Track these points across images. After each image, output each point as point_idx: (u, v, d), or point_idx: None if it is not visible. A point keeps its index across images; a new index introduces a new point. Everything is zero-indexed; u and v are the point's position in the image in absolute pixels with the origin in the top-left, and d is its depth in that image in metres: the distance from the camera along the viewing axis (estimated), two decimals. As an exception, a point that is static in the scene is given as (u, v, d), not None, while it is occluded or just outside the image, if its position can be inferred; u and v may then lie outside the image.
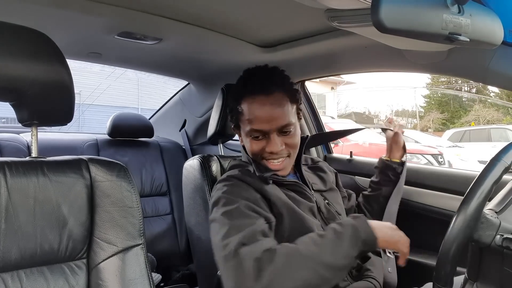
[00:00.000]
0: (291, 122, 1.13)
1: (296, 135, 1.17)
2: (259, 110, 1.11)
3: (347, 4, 0.96)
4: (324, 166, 1.38)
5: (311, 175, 1.31)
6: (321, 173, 1.34)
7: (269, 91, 1.11)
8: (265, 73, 1.18)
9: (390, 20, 0.68)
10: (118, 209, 0.93)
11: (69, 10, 1.28)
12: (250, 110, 1.13)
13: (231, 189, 1.10)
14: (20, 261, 0.82)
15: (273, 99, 1.11)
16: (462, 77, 1.24)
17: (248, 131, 1.15)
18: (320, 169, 1.35)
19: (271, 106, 1.11)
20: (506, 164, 0.80)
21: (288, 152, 1.17)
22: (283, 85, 1.15)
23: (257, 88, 1.13)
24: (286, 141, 1.15)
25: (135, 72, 2.42)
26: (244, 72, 1.21)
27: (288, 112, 1.13)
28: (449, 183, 1.49)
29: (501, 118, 19.72)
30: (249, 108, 1.13)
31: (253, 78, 1.16)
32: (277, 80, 1.15)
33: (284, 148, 1.15)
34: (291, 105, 1.15)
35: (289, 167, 1.20)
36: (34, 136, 0.93)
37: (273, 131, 1.12)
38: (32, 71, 0.83)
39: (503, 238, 0.76)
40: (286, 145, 1.15)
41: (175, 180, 2.22)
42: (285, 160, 1.17)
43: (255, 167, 1.17)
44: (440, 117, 26.46)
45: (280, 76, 1.18)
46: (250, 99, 1.13)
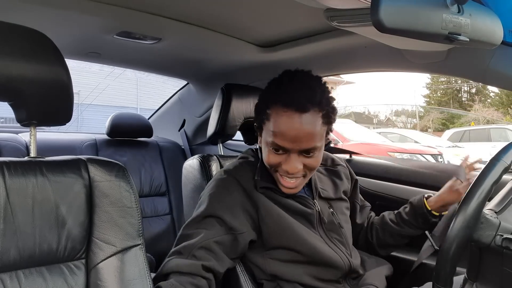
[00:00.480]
0: (317, 146, 1.02)
1: (318, 158, 1.06)
2: (286, 126, 0.99)
3: (347, 3, 0.96)
4: (342, 172, 1.27)
5: (324, 178, 1.23)
6: (336, 179, 1.24)
7: (304, 109, 0.98)
8: (305, 85, 1.02)
9: (389, 20, 0.67)
10: (117, 209, 0.92)
11: (68, 10, 1.28)
12: (277, 122, 1.01)
13: (216, 191, 1.08)
14: (19, 261, 0.82)
15: (306, 119, 0.98)
16: (462, 77, 1.24)
17: (270, 142, 1.03)
18: (337, 174, 1.26)
19: (300, 126, 0.98)
20: (506, 164, 0.80)
21: (304, 172, 1.06)
22: (321, 103, 1.00)
23: (291, 101, 0.99)
24: (306, 162, 1.04)
25: (134, 72, 2.42)
26: (283, 74, 1.07)
27: (317, 134, 1.01)
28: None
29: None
30: (277, 119, 1.01)
31: (291, 86, 1.02)
32: (317, 97, 1.00)
33: (302, 169, 1.05)
34: (323, 127, 1.03)
35: (300, 187, 1.10)
36: (32, 136, 0.93)
37: (294, 151, 1.02)
38: (30, 71, 0.83)
39: (503, 238, 0.76)
40: (305, 166, 1.04)
41: (174, 180, 2.21)
42: (299, 180, 1.07)
43: (259, 170, 1.12)
44: (440, 117, 26.48)
45: (322, 92, 1.02)
46: (281, 110, 1.00)
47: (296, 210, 1.10)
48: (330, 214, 1.15)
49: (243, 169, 1.14)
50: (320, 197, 1.17)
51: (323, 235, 1.12)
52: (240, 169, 1.14)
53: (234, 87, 1.53)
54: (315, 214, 1.12)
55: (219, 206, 1.04)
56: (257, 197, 1.08)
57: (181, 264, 0.95)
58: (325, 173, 1.25)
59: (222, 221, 1.01)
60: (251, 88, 1.59)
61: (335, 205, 1.19)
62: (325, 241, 1.11)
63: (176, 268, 0.94)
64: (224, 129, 1.51)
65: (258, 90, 1.57)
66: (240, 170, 1.13)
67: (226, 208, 1.04)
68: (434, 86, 29.40)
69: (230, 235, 1.01)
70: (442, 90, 29.23)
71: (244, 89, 1.55)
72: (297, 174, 1.05)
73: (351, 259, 1.12)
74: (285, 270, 1.07)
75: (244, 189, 1.08)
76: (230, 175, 1.11)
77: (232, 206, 1.04)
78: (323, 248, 1.08)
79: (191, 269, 0.94)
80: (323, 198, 1.17)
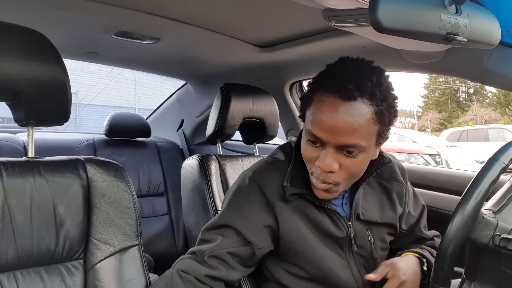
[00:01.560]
0: (359, 144, 0.86)
1: (360, 162, 0.90)
2: (325, 115, 0.85)
3: (345, 4, 0.96)
4: (395, 192, 1.07)
5: (372, 194, 1.05)
6: (386, 199, 1.06)
7: (350, 96, 0.83)
8: (359, 73, 0.86)
9: (387, 20, 0.67)
10: (115, 209, 0.92)
11: (66, 10, 1.28)
12: (317, 109, 0.88)
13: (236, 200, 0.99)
14: (17, 262, 0.82)
15: (349, 109, 0.84)
16: (460, 77, 1.24)
17: (307, 132, 0.91)
18: (389, 192, 1.07)
19: (341, 115, 0.84)
20: (504, 164, 0.80)
21: (339, 178, 0.90)
22: (374, 96, 0.85)
23: (337, 86, 0.85)
24: (344, 162, 0.88)
25: (132, 72, 2.42)
26: (339, 60, 0.93)
27: (362, 130, 0.85)
28: (447, 183, 1.50)
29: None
30: (318, 106, 0.88)
31: (342, 72, 0.88)
32: (370, 87, 0.84)
33: (338, 171, 0.89)
34: (373, 125, 0.86)
35: (335, 194, 0.94)
36: (30, 136, 0.93)
37: (331, 145, 0.87)
38: (28, 71, 0.82)
39: (501, 238, 0.76)
40: (342, 167, 0.89)
41: (173, 180, 2.21)
42: (333, 187, 0.92)
43: (290, 171, 0.99)
44: (438, 117, 26.53)
45: (378, 84, 0.86)
46: (324, 96, 0.87)
47: (324, 230, 0.97)
48: (366, 240, 1.01)
49: (270, 173, 1.00)
50: (359, 219, 1.01)
51: (350, 260, 1.00)
52: (266, 174, 1.00)
53: (233, 86, 1.53)
54: (346, 238, 0.99)
55: (238, 218, 0.96)
56: (280, 209, 0.96)
57: (188, 266, 0.94)
58: (377, 187, 1.07)
59: (239, 233, 0.95)
60: (250, 88, 1.59)
61: (376, 230, 1.03)
62: (350, 266, 1.00)
63: (182, 267, 0.93)
64: (223, 129, 1.51)
65: (258, 89, 1.58)
66: (266, 175, 1.00)
67: (245, 220, 0.96)
68: (432, 86, 29.45)
69: (247, 248, 0.95)
70: (440, 90, 29.28)
71: (244, 89, 1.56)
72: (331, 176, 0.90)
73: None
74: (293, 283, 1.01)
75: (267, 200, 0.97)
76: (253, 181, 0.99)
77: (251, 219, 0.96)
78: (343, 274, 0.98)
79: (195, 273, 0.92)
80: (361, 220, 1.01)
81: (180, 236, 2.16)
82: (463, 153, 8.67)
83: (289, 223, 0.97)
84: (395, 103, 0.91)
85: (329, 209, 0.98)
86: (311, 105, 0.90)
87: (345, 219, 0.99)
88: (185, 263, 0.95)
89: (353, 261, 1.00)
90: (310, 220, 0.97)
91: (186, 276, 0.91)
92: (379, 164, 1.01)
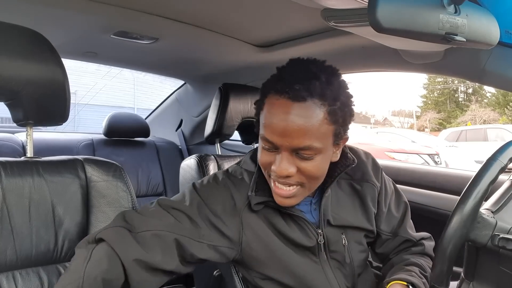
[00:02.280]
0: (313, 146, 0.83)
1: (318, 165, 0.86)
2: (276, 117, 0.83)
3: (344, 3, 0.96)
4: (368, 194, 1.02)
5: (343, 198, 1.01)
6: (359, 201, 1.02)
7: (299, 98, 0.81)
8: (309, 73, 0.84)
9: (386, 20, 0.68)
10: (113, 209, 0.92)
11: (64, 9, 1.28)
12: (268, 113, 0.85)
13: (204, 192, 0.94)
14: (15, 262, 0.82)
15: (300, 109, 0.81)
16: (459, 77, 1.24)
17: (261, 137, 0.88)
18: (361, 195, 1.02)
19: (292, 117, 0.81)
20: (503, 164, 0.80)
21: (300, 181, 0.87)
22: (324, 96, 0.82)
23: (287, 87, 0.82)
24: (301, 167, 0.85)
25: (131, 72, 2.42)
26: (289, 61, 0.92)
27: (315, 132, 0.82)
28: (446, 183, 1.50)
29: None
30: (269, 109, 0.85)
31: (291, 73, 0.86)
32: (321, 87, 0.82)
33: (295, 174, 0.86)
34: (327, 125, 0.83)
35: (301, 197, 0.91)
36: (29, 136, 0.93)
37: (285, 149, 0.84)
38: (27, 71, 0.82)
39: (499, 238, 0.76)
40: (300, 172, 0.86)
41: (172, 180, 2.21)
42: (296, 189, 0.88)
43: (255, 179, 0.95)
44: (437, 116, 26.56)
45: (329, 84, 0.84)
46: (274, 99, 0.84)
47: (292, 239, 0.93)
48: (340, 244, 0.97)
49: (241, 181, 0.97)
50: (331, 225, 0.97)
51: (324, 265, 0.96)
52: (238, 180, 0.97)
53: (231, 86, 1.53)
54: (316, 246, 0.95)
55: (201, 209, 0.90)
56: (246, 219, 0.93)
57: (115, 238, 0.81)
58: (349, 190, 1.03)
59: (197, 225, 0.88)
60: (248, 88, 1.59)
61: (352, 234, 1.00)
62: (324, 271, 0.96)
63: (107, 237, 0.80)
64: (222, 129, 1.51)
65: (256, 89, 1.57)
66: (238, 181, 0.97)
67: (208, 215, 0.90)
68: (431, 86, 29.49)
69: (197, 243, 0.88)
70: (439, 90, 29.32)
71: (242, 89, 1.55)
72: (290, 180, 0.86)
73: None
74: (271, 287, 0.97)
75: (234, 205, 0.94)
76: (225, 181, 0.96)
77: (214, 217, 0.91)
78: (318, 280, 0.95)
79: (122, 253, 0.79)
80: (333, 226, 0.97)
81: (179, 236, 2.15)
82: (462, 153, 8.68)
83: (254, 234, 0.93)
84: (350, 101, 0.88)
85: (297, 216, 0.93)
86: (263, 108, 0.88)
87: (314, 226, 0.95)
88: (114, 234, 0.81)
89: (328, 266, 0.96)
90: (278, 229, 0.94)
91: (110, 252, 0.79)
92: (343, 167, 0.96)
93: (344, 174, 0.98)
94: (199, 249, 0.88)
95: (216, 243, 0.90)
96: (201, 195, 0.93)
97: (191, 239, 0.87)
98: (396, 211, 1.07)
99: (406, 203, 1.10)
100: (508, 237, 0.75)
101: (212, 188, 0.95)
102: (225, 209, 0.92)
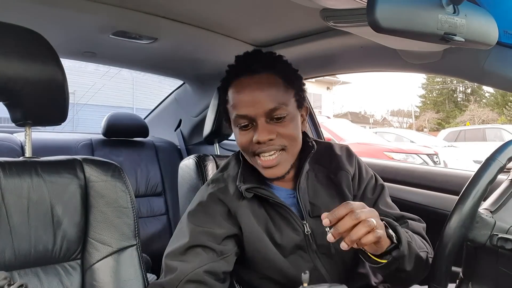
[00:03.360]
0: (281, 106, 0.95)
1: (292, 125, 0.98)
2: (242, 93, 0.97)
3: (343, 3, 0.96)
4: (344, 183, 1.06)
5: (320, 189, 1.05)
6: (335, 191, 1.05)
7: (255, 71, 0.97)
8: (252, 54, 1.04)
9: (385, 20, 0.68)
10: (112, 209, 0.92)
11: (63, 9, 1.28)
12: (234, 94, 0.99)
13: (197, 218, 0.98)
14: (14, 262, 0.82)
15: (259, 79, 0.96)
16: (457, 77, 1.24)
17: (234, 119, 0.99)
18: (337, 185, 1.06)
19: (256, 86, 0.95)
20: (501, 163, 0.80)
21: (282, 144, 0.97)
22: (274, 66, 0.99)
23: (241, 69, 0.99)
24: (279, 130, 0.96)
25: (130, 72, 2.42)
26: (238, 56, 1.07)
27: (278, 94, 0.96)
28: (444, 183, 1.50)
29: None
30: (234, 92, 0.99)
31: (239, 60, 1.04)
32: (266, 60, 1.00)
33: (276, 138, 0.96)
34: (285, 89, 0.98)
35: (286, 164, 0.99)
36: (27, 136, 0.93)
37: (260, 116, 0.95)
38: (25, 71, 0.82)
39: (498, 238, 0.76)
40: (278, 135, 0.96)
41: (170, 180, 2.21)
42: (279, 154, 0.97)
43: (241, 172, 1.03)
44: (436, 117, 26.59)
45: (271, 57, 1.03)
46: (235, 83, 0.99)
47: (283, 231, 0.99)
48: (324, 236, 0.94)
49: (226, 183, 1.04)
50: (310, 216, 1.01)
51: (315, 261, 0.99)
52: (223, 184, 1.03)
53: (230, 87, 1.53)
54: (304, 238, 0.99)
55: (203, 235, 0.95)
56: (241, 214, 0.98)
57: None
58: (325, 181, 1.07)
59: (210, 249, 0.93)
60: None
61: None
62: (317, 268, 0.99)
63: None
64: (221, 129, 1.51)
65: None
66: (223, 186, 1.03)
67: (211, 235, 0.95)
68: (430, 86, 29.52)
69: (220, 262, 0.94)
70: (438, 90, 29.36)
71: (241, 89, 1.55)
72: (272, 145, 0.96)
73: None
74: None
75: (228, 210, 0.99)
76: (212, 195, 1.01)
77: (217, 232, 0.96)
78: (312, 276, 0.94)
79: None
80: (314, 217, 1.00)
81: (178, 236, 2.15)
82: (460, 153, 8.69)
83: (251, 230, 0.98)
84: (296, 70, 1.05)
85: (283, 209, 0.98)
86: (228, 95, 1.01)
87: (298, 218, 0.99)
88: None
89: (318, 261, 0.99)
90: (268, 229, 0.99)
91: None
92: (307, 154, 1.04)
93: (321, 167, 1.07)
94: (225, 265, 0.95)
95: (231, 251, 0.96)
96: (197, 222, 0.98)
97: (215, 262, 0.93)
98: (371, 194, 1.09)
99: (383, 185, 1.11)
100: (506, 237, 0.76)
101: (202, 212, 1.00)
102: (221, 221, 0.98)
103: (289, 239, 0.98)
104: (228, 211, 0.99)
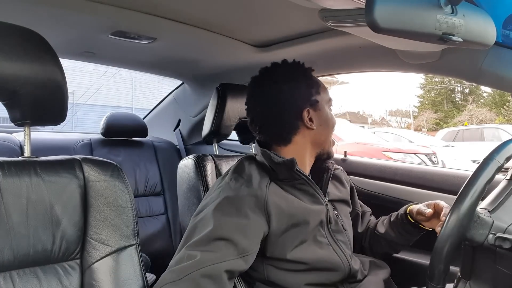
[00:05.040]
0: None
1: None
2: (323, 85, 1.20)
3: (342, 4, 0.96)
4: (343, 177, 1.30)
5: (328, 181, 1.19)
6: (337, 183, 1.26)
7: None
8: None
9: (384, 20, 0.68)
10: (111, 209, 0.92)
11: (62, 9, 1.27)
12: (325, 91, 1.19)
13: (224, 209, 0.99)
14: (13, 262, 0.82)
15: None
16: (455, 77, 1.25)
17: (327, 102, 1.18)
18: (337, 178, 1.27)
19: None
20: (499, 163, 0.80)
21: None
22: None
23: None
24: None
25: (129, 72, 2.41)
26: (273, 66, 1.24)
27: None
28: (443, 183, 1.50)
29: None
30: (324, 90, 1.19)
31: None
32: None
33: None
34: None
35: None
36: (26, 135, 0.93)
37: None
38: (24, 70, 0.82)
39: (496, 237, 0.77)
40: None
41: (169, 180, 2.21)
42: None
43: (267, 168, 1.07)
44: (434, 116, 26.62)
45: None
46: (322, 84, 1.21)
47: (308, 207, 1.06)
48: (334, 216, 1.14)
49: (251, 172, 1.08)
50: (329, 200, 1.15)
51: (328, 236, 1.09)
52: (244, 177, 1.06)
53: (229, 87, 1.53)
54: (325, 213, 1.09)
55: (234, 229, 0.95)
56: (271, 199, 1.02)
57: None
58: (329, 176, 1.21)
59: (236, 245, 0.94)
60: (246, 88, 1.59)
61: (340, 208, 1.19)
62: (329, 243, 1.08)
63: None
64: (219, 129, 1.51)
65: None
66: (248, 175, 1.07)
67: (242, 231, 0.96)
68: (428, 87, 29.56)
69: (240, 260, 0.94)
70: (436, 90, 29.39)
71: (239, 89, 1.55)
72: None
73: (352, 263, 1.10)
74: (285, 279, 1.04)
75: (257, 199, 1.01)
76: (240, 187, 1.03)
77: (249, 229, 0.97)
78: (328, 252, 1.07)
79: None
80: (329, 200, 1.15)
81: (177, 236, 2.15)
82: (458, 153, 8.70)
83: (276, 206, 1.01)
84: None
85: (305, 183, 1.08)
86: (320, 93, 1.15)
87: (321, 193, 1.11)
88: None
89: (331, 237, 1.10)
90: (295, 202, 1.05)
91: None
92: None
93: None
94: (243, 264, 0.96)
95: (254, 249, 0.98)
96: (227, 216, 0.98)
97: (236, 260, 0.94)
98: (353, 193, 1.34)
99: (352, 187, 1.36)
100: (504, 236, 0.76)
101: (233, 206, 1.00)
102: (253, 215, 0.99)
103: (314, 211, 1.07)
104: (257, 200, 1.01)
